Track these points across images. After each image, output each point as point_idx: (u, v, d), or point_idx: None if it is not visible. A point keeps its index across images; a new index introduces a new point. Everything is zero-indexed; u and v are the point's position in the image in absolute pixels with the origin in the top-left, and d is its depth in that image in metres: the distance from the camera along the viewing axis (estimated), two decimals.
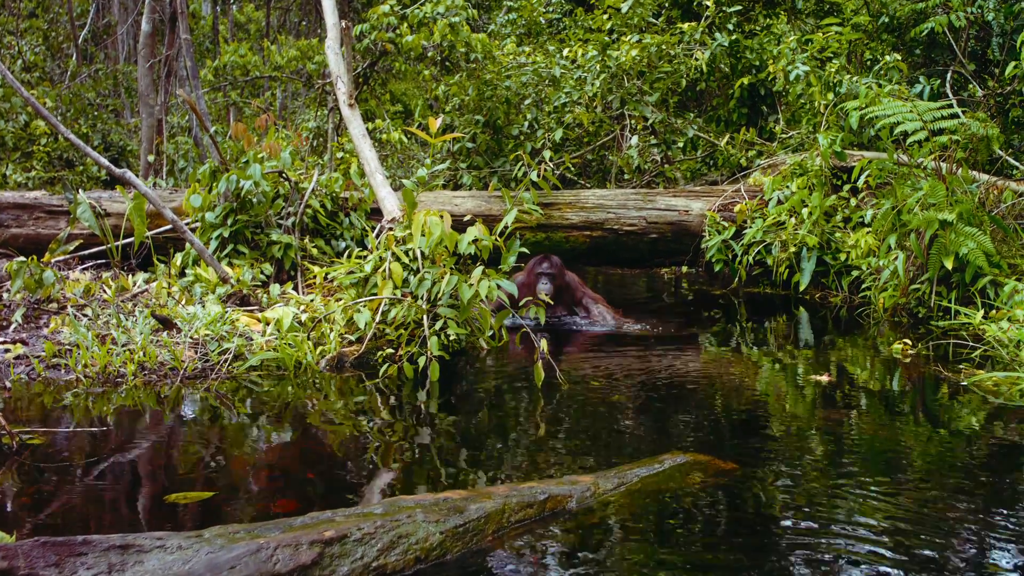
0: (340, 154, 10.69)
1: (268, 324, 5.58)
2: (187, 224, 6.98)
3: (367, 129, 8.37)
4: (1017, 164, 8.45)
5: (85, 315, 5.86)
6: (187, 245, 6.82)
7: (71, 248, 7.41)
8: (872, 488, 3.32)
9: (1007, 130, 9.15)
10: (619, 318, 7.06)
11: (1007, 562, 2.68)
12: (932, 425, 4.39)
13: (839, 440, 4.03)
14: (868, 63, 10.54)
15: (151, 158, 10.87)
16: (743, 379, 5.33)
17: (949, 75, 9.81)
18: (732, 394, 4.96)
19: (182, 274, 6.87)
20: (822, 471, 3.57)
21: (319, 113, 12.46)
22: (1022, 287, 6.21)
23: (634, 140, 10.09)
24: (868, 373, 5.59)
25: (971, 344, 5.73)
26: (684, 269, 9.33)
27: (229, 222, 7.09)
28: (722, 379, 5.37)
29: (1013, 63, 8.17)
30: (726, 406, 4.70)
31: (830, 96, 9.48)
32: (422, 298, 5.30)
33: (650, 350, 6.17)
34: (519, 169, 8.95)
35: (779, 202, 8.58)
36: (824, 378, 5.24)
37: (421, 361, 5.06)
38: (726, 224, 8.70)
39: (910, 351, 5.90)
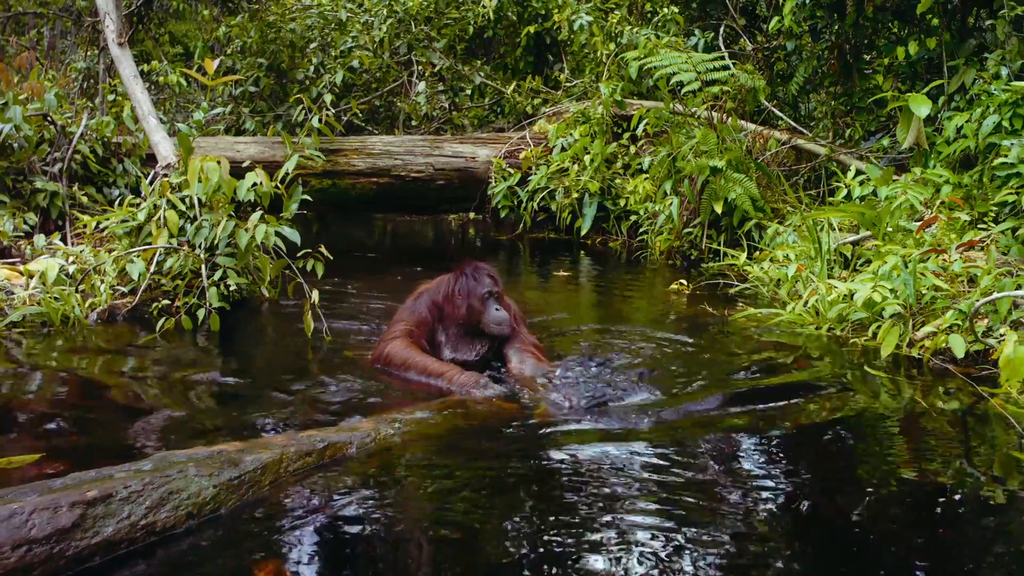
0: (112, 97, 10.08)
1: (32, 277, 5.24)
2: None
3: (144, 71, 7.93)
4: (781, 114, 8.98)
5: None
6: None
7: None
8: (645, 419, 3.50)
9: (772, 82, 9.68)
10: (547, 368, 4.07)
11: (752, 462, 2.91)
12: (699, 354, 4.67)
13: (613, 372, 4.20)
14: (648, 15, 10.87)
15: None
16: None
17: (722, 29, 10.26)
18: None
19: None
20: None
21: (89, 53, 11.69)
22: (783, 230, 6.65)
23: (421, 86, 10.05)
24: (645, 312, 5.85)
25: (737, 283, 6.10)
26: (471, 216, 9.42)
27: None
28: None
29: (777, 19, 8.64)
30: None
31: (612, 46, 9.75)
32: (200, 247, 5.12)
33: None
34: (299, 113, 8.71)
35: (563, 149, 8.80)
36: (562, 273, 5.50)
37: (200, 313, 4.90)
38: (512, 171, 8.83)
39: (685, 291, 6.21)
